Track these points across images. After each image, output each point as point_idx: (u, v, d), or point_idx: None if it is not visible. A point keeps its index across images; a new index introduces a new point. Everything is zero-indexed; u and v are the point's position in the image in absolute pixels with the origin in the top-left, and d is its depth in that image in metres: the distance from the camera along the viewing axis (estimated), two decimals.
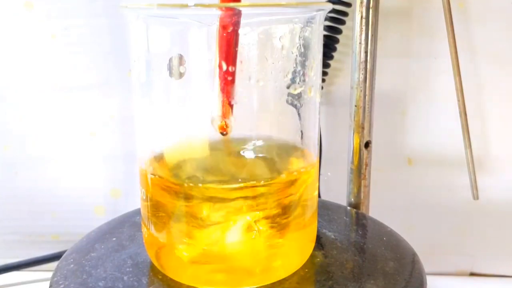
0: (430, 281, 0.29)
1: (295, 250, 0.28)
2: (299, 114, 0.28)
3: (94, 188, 0.45)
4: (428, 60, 0.42)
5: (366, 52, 0.36)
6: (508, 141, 0.43)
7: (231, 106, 0.26)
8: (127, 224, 0.33)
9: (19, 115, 0.44)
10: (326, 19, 0.38)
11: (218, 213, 0.25)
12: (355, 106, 0.37)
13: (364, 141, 0.37)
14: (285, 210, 0.26)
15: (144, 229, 0.28)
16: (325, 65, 0.40)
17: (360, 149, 0.37)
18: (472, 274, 0.46)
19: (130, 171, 0.45)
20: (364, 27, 0.35)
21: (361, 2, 0.35)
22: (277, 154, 0.28)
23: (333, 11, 0.38)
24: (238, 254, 0.26)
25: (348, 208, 0.38)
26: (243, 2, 0.27)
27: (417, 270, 0.29)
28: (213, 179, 0.27)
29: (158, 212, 0.27)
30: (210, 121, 0.27)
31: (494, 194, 0.43)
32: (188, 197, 0.25)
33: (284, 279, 0.27)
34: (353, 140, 0.37)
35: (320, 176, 0.44)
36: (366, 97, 0.36)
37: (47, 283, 0.27)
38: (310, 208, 0.28)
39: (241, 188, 0.25)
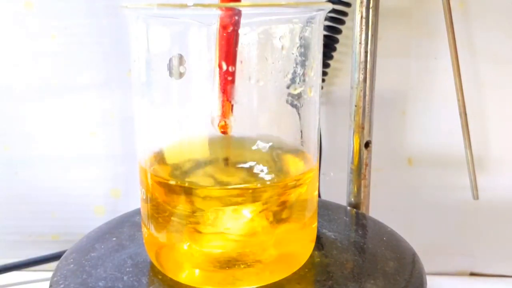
0: (430, 281, 0.29)
1: (295, 250, 0.28)
2: (299, 114, 0.28)
3: (94, 188, 0.45)
4: (428, 60, 0.42)
5: (366, 52, 0.36)
6: (508, 141, 0.43)
7: (231, 106, 0.26)
8: (127, 224, 0.33)
9: (19, 115, 0.44)
10: (326, 19, 0.38)
11: (217, 214, 0.25)
12: (355, 106, 0.37)
13: (364, 141, 0.37)
14: (285, 210, 0.26)
15: (144, 229, 0.28)
16: (325, 65, 0.40)
17: (360, 149, 0.37)
18: (472, 274, 0.46)
19: (130, 171, 0.45)
20: (364, 27, 0.35)
21: (361, 2, 0.35)
22: (277, 154, 0.28)
23: (333, 11, 0.38)
24: (238, 254, 0.26)
25: (348, 208, 0.38)
26: (243, 2, 0.27)
27: (417, 270, 0.29)
28: (213, 180, 0.27)
29: (158, 212, 0.27)
30: (210, 121, 0.27)
31: (494, 194, 0.43)
32: (188, 198, 0.25)
33: (284, 279, 0.27)
34: (353, 140, 0.37)
35: (321, 176, 0.44)
36: (366, 97, 0.36)
37: (47, 283, 0.27)
38: (310, 208, 0.28)
39: (240, 189, 0.26)
